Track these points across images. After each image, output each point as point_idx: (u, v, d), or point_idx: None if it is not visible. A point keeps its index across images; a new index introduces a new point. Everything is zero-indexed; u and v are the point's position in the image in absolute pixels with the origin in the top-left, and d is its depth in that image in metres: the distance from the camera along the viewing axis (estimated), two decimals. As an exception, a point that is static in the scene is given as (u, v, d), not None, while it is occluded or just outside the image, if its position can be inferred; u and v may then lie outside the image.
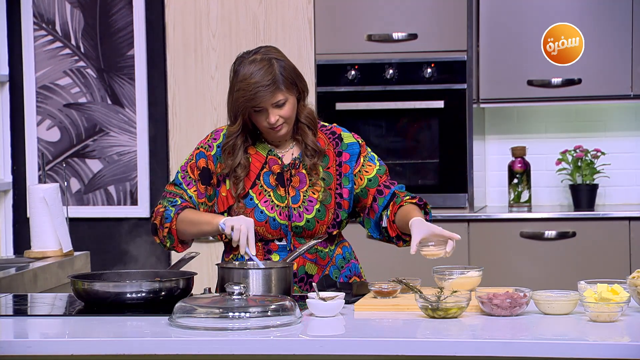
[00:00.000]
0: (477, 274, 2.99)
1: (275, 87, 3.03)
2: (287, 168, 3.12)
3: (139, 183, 5.32)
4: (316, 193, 3.11)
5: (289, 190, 3.11)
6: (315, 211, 3.10)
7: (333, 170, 3.15)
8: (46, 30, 5.32)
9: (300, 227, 3.09)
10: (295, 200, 3.10)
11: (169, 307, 2.72)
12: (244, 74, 3.03)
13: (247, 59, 3.06)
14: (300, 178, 3.12)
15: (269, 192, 3.10)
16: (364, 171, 3.16)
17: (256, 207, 3.08)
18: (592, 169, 5.10)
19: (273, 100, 3.04)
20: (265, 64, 3.04)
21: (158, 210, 3.12)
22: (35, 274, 3.73)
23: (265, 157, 3.13)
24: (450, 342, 2.46)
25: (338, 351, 2.48)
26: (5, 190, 5.38)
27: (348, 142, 3.18)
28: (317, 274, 3.11)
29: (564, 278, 4.79)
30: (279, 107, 3.05)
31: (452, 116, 5.00)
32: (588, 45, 4.96)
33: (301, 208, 3.10)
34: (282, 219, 3.08)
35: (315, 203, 3.10)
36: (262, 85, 3.01)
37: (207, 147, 3.15)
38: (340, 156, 3.16)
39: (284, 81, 3.04)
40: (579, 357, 2.39)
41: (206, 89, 5.13)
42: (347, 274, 3.18)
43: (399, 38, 5.04)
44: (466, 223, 4.93)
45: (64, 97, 5.34)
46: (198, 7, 5.12)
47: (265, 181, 3.11)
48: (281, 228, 3.09)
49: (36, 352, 2.54)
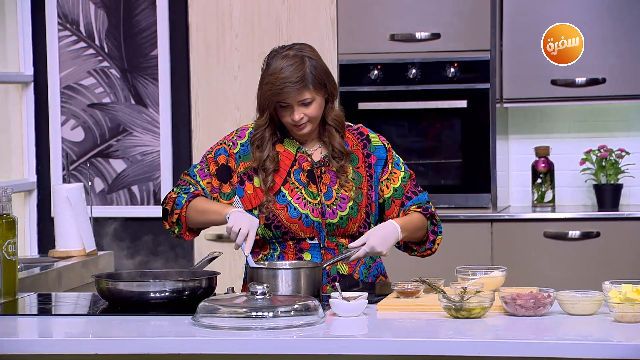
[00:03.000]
0: (500, 274, 2.98)
1: (303, 84, 3.01)
2: (317, 165, 3.11)
3: (162, 183, 5.33)
4: (348, 191, 3.10)
5: (320, 187, 3.09)
6: (348, 209, 3.08)
7: (363, 171, 3.13)
8: (70, 30, 5.35)
9: (333, 224, 3.07)
10: (327, 197, 3.09)
11: (192, 307, 2.72)
12: (275, 68, 3.02)
13: (281, 53, 3.05)
14: (330, 176, 3.11)
15: (301, 189, 3.08)
16: (391, 180, 3.14)
17: (289, 203, 3.07)
18: (617, 169, 5.07)
19: (299, 98, 3.03)
20: (297, 61, 3.03)
21: (170, 196, 3.11)
22: (59, 274, 3.75)
23: (295, 155, 3.12)
24: (473, 342, 2.45)
25: (361, 351, 2.48)
26: (30, 190, 5.41)
27: (376, 145, 3.16)
28: (348, 273, 3.10)
29: (587, 278, 4.76)
30: (305, 106, 3.04)
31: (475, 116, 4.99)
32: (602, 45, 4.93)
33: (334, 205, 3.08)
34: (315, 215, 3.07)
35: (348, 200, 3.08)
36: (290, 82, 3.00)
37: (231, 145, 3.14)
38: (369, 158, 3.15)
39: (313, 80, 3.02)
40: (604, 358, 2.38)
41: (229, 89, 5.14)
42: (375, 273, 3.17)
43: (422, 38, 5.03)
44: (489, 223, 4.91)
45: (87, 97, 5.36)
46: (221, 7, 5.13)
47: (296, 178, 3.10)
48: (314, 225, 3.07)
49: (60, 351, 2.55)
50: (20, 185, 5.31)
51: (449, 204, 4.96)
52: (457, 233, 4.85)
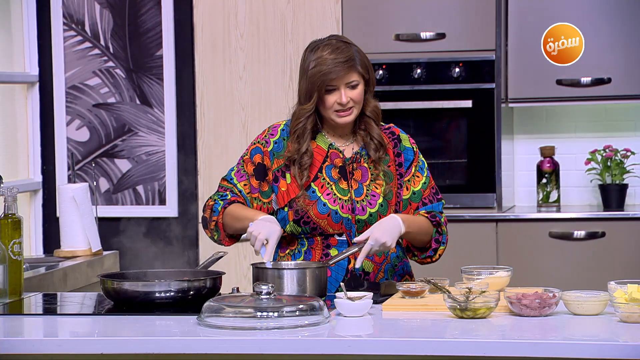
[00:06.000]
0: (506, 274, 2.98)
1: (352, 65, 3.05)
2: (349, 161, 3.12)
3: (167, 183, 5.34)
4: (379, 188, 3.10)
5: (351, 184, 3.10)
6: (378, 205, 3.09)
7: (393, 169, 3.14)
8: (76, 30, 5.35)
9: (362, 220, 3.07)
10: (358, 193, 3.09)
11: (197, 307, 2.73)
12: (321, 53, 3.05)
13: (322, 44, 3.08)
14: (362, 172, 3.11)
15: (332, 185, 3.09)
16: (412, 182, 3.15)
17: (319, 199, 3.07)
18: (622, 169, 5.07)
19: (347, 79, 3.05)
20: (341, 45, 3.07)
21: (208, 203, 3.14)
22: (64, 273, 3.75)
23: (327, 151, 3.12)
24: (479, 342, 2.45)
25: (366, 351, 2.48)
26: (35, 190, 5.42)
27: (406, 146, 3.18)
28: (374, 271, 3.10)
29: (593, 278, 4.76)
30: (352, 89, 3.06)
31: (481, 116, 4.99)
32: (615, 43, 4.93)
33: (364, 202, 3.08)
34: (345, 212, 3.07)
35: (378, 197, 3.09)
36: (339, 62, 3.03)
37: (264, 143, 3.15)
38: (399, 157, 3.16)
39: (360, 62, 3.06)
40: (610, 358, 2.37)
41: (234, 89, 5.14)
42: (400, 272, 3.17)
43: (427, 37, 5.03)
44: (494, 223, 4.91)
45: (93, 97, 5.36)
46: (226, 7, 5.13)
47: (327, 174, 3.10)
48: (343, 222, 3.07)
49: (66, 350, 2.55)
50: (25, 185, 5.32)
51: (454, 203, 4.96)
52: (463, 233, 4.85)
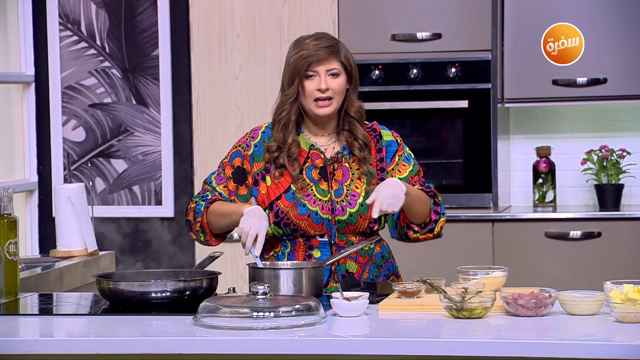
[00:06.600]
0: (502, 274, 2.98)
1: (334, 52, 3.08)
2: (330, 161, 3.12)
3: (163, 183, 5.33)
4: (359, 187, 3.10)
5: (332, 184, 3.10)
6: (358, 205, 3.09)
7: (374, 166, 3.15)
8: (71, 30, 5.35)
9: (343, 221, 3.08)
10: (338, 194, 3.10)
11: (193, 307, 2.73)
12: (305, 42, 3.09)
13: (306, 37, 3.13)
14: (343, 172, 3.12)
15: (311, 187, 3.10)
16: (397, 170, 3.16)
17: (298, 201, 3.08)
18: (618, 169, 5.07)
19: (328, 66, 3.07)
20: (327, 36, 3.13)
21: (190, 206, 3.14)
22: (60, 274, 3.75)
23: (308, 152, 3.13)
24: (475, 342, 2.45)
25: (362, 351, 2.48)
26: (31, 190, 5.41)
27: (387, 140, 3.19)
28: (358, 272, 3.10)
29: (589, 278, 4.76)
30: (333, 77, 3.07)
31: (477, 116, 4.99)
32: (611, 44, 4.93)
33: (344, 202, 3.09)
34: (325, 212, 3.07)
35: (358, 197, 3.09)
36: (321, 46, 3.07)
37: (245, 147, 3.16)
38: (380, 152, 3.16)
39: (343, 53, 3.09)
40: (606, 358, 2.38)
41: (230, 89, 5.14)
42: (386, 272, 3.17)
43: (423, 38, 5.03)
44: (490, 223, 4.91)
45: (89, 97, 5.36)
46: (222, 7, 5.13)
47: (307, 175, 3.11)
48: (323, 222, 3.07)
49: (62, 351, 2.55)
50: (21, 185, 5.31)
51: (450, 204, 4.96)
52: (459, 233, 4.85)
